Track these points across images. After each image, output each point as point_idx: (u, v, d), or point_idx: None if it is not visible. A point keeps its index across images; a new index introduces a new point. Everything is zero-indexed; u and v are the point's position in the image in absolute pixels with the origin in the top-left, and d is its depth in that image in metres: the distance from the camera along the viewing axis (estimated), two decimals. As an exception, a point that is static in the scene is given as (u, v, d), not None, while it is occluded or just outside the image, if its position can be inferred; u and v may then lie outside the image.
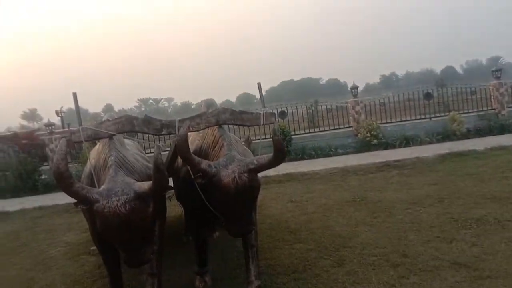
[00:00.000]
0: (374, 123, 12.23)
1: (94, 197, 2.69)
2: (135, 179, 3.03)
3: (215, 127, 3.57)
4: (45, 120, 14.42)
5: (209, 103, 3.96)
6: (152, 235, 3.01)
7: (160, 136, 4.22)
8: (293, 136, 12.61)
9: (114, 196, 2.68)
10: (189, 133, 3.74)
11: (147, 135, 3.88)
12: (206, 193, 3.35)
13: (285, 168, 9.47)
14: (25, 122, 76.88)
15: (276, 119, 3.62)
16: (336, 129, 13.62)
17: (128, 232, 2.72)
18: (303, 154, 11.96)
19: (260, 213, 5.71)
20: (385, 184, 7.64)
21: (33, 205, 9.49)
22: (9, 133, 17.72)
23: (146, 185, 2.75)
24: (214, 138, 3.50)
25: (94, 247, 5.67)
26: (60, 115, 16.73)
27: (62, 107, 17.41)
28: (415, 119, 13.51)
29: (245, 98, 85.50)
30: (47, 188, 11.61)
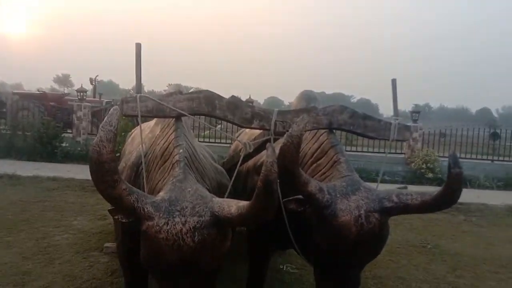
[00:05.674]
0: (433, 154, 10.95)
1: (146, 210, 1.63)
2: (207, 189, 1.94)
3: (321, 131, 2.45)
4: (77, 87, 13.51)
5: (309, 97, 2.85)
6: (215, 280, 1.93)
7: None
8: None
9: (179, 215, 1.63)
10: (259, 131, 2.65)
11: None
12: (296, 222, 2.26)
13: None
14: (56, 86, 77.07)
15: (411, 135, 2.43)
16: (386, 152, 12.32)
17: (189, 275, 1.67)
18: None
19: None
20: (455, 232, 6.43)
21: (48, 174, 8.55)
22: (38, 92, 17.01)
23: (233, 206, 1.64)
24: (319, 146, 2.38)
25: (109, 244, 4.66)
26: (93, 83, 15.89)
27: (97, 76, 16.58)
28: (475, 159, 12.15)
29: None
30: (66, 158, 10.89)
